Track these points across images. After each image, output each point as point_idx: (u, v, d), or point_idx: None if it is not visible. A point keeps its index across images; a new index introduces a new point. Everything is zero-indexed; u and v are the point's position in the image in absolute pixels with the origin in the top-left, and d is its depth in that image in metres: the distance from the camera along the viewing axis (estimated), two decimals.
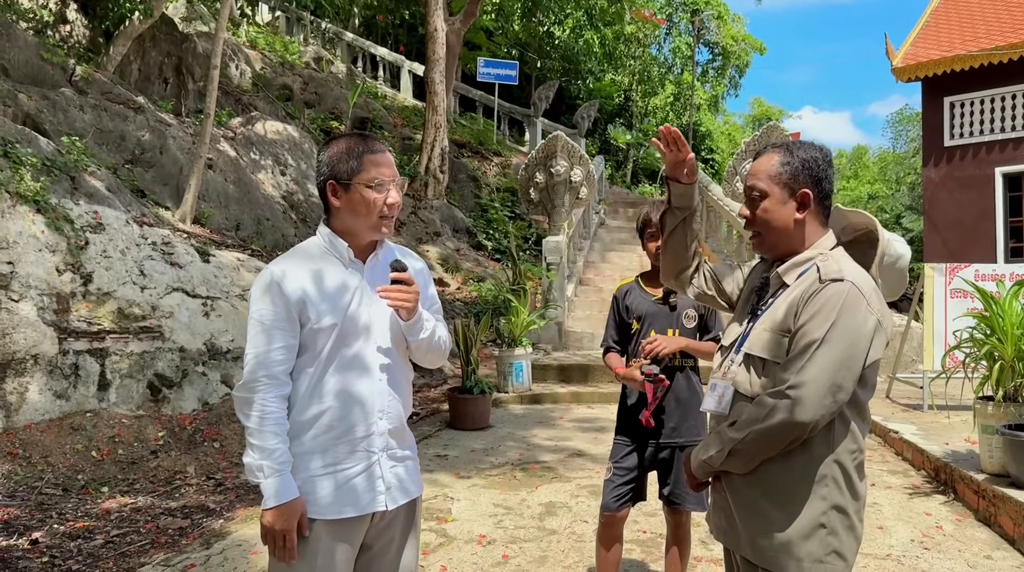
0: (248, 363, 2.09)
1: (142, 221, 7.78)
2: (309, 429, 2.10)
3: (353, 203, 2.14)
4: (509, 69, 21.21)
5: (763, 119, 38.34)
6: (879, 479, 5.72)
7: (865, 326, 1.83)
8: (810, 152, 1.99)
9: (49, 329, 6.24)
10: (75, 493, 5.30)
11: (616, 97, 28.95)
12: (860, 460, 1.92)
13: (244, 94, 14.58)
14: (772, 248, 2.03)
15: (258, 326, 2.09)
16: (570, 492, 5.37)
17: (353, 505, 2.10)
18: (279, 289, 2.09)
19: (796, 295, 1.91)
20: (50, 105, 8.88)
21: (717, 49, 30.95)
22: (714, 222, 15.12)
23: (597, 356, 9.78)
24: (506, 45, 24.91)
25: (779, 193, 1.98)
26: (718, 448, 1.95)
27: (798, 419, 1.80)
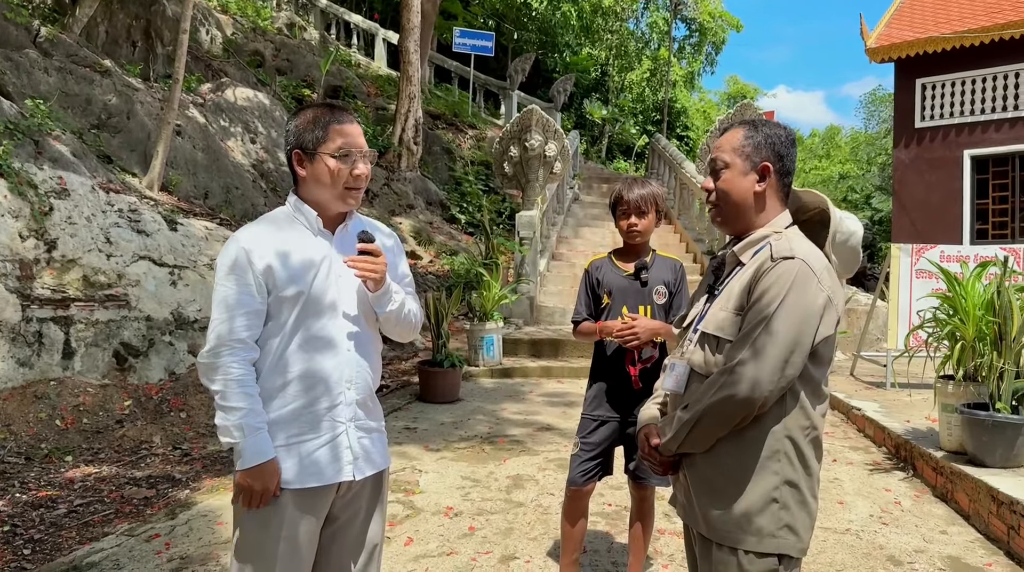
0: (212, 329, 2.08)
1: (108, 187, 7.64)
2: (275, 399, 2.09)
3: (318, 173, 2.12)
4: (485, 40, 21.02)
5: (738, 97, 38.41)
6: (841, 455, 5.82)
7: (815, 303, 1.86)
8: (774, 129, 2.03)
9: (12, 296, 6.13)
10: (38, 462, 5.24)
11: (592, 71, 28.83)
12: (814, 436, 1.94)
13: (214, 60, 14.30)
14: (730, 220, 2.05)
15: (223, 292, 2.08)
16: (538, 465, 5.41)
17: (319, 475, 2.10)
18: (245, 255, 2.07)
19: (749, 274, 1.93)
20: (13, 67, 8.65)
21: (694, 25, 30.87)
22: (687, 199, 15.18)
23: (568, 331, 9.83)
24: (483, 15, 24.67)
25: (741, 164, 2.01)
26: (674, 431, 1.97)
27: (746, 395, 1.83)
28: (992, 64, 14.23)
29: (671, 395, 2.10)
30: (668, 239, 13.96)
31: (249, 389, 2.05)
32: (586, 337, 3.27)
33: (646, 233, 3.23)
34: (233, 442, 2.04)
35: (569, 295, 11.33)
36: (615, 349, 3.17)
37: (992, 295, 4.95)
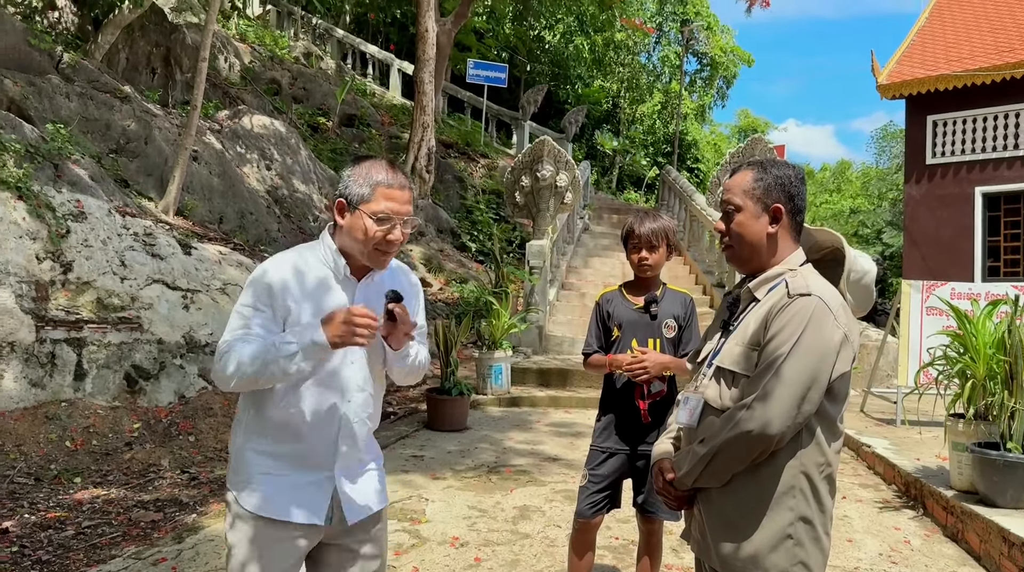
0: (222, 343, 2.09)
1: (125, 211, 7.74)
2: (272, 436, 2.13)
3: (354, 228, 2.12)
4: (498, 71, 21.25)
5: (749, 130, 38.62)
6: (850, 492, 5.78)
7: (832, 340, 1.87)
8: (783, 170, 2.05)
9: (27, 317, 6.19)
10: (47, 483, 5.26)
11: (604, 103, 29.07)
12: (828, 473, 1.95)
13: (232, 87, 14.51)
14: (744, 261, 2.08)
15: (239, 317, 2.10)
16: (544, 496, 5.39)
17: (298, 513, 2.11)
18: (269, 289, 2.10)
19: (765, 309, 1.95)
20: (36, 91, 8.80)
21: (705, 59, 31.16)
22: (697, 232, 15.21)
23: (577, 361, 9.82)
24: (496, 47, 24.96)
25: (752, 207, 2.03)
26: (689, 465, 1.98)
27: (763, 431, 1.84)
28: (1004, 102, 14.29)
29: (684, 429, 2.11)
30: (678, 271, 13.98)
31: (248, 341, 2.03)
32: (596, 369, 3.29)
33: (657, 267, 3.26)
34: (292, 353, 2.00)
35: (578, 325, 11.34)
36: (624, 382, 3.19)
37: (1003, 333, 4.94)
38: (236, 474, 2.17)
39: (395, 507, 5.05)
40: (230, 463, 2.22)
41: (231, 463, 2.21)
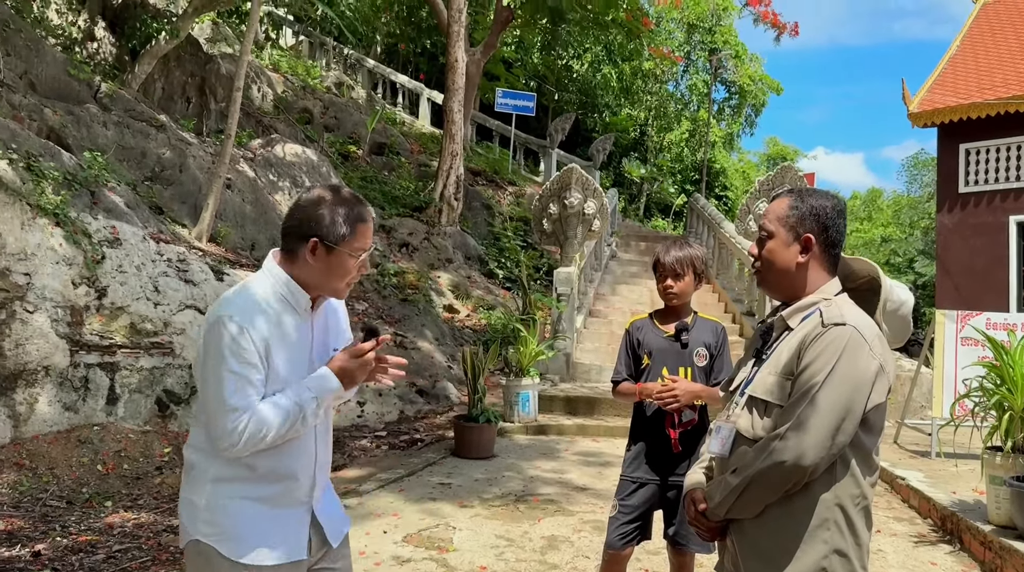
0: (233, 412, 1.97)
1: (159, 237, 7.87)
2: (256, 479, 2.09)
3: (331, 267, 2.07)
4: (527, 100, 21.41)
5: (778, 158, 38.47)
6: (884, 526, 5.67)
7: (867, 370, 1.86)
8: (820, 200, 2.04)
9: (62, 341, 6.29)
10: (79, 506, 5.31)
11: (632, 131, 29.15)
12: (864, 505, 1.92)
13: (265, 116, 14.76)
14: (773, 287, 2.09)
15: (238, 378, 1.98)
16: (573, 527, 5.34)
17: (293, 547, 2.12)
18: (253, 342, 2.00)
19: (799, 338, 1.94)
20: (74, 120, 9.02)
21: (734, 88, 31.18)
22: (726, 259, 15.13)
23: (605, 389, 9.76)
24: (524, 77, 25.18)
25: (784, 235, 2.03)
26: (721, 496, 1.96)
27: (797, 462, 1.82)
28: None
29: (716, 458, 2.09)
30: (706, 299, 13.89)
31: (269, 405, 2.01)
32: (626, 398, 3.27)
33: (683, 295, 3.24)
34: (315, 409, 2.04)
35: (606, 352, 11.29)
36: (655, 411, 3.17)
37: None
38: (212, 526, 2.06)
39: (422, 535, 5.04)
40: (196, 515, 2.08)
41: (199, 515, 2.07)
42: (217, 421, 1.98)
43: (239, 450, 1.99)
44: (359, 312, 10.14)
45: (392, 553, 4.71)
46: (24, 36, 9.26)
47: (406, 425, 8.54)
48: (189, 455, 2.13)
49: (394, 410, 8.86)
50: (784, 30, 21.28)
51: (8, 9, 9.37)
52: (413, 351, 9.96)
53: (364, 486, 6.11)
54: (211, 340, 2.00)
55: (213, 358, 1.99)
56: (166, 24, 11.42)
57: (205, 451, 2.09)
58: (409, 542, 4.91)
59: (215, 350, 1.99)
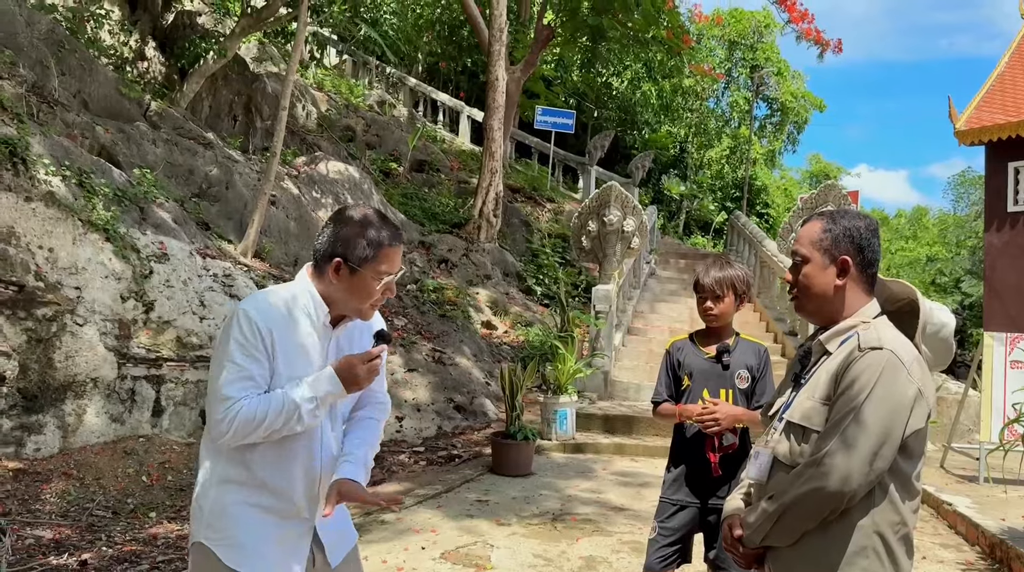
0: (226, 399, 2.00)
1: (205, 253, 8.02)
2: (262, 488, 2.10)
3: (353, 287, 2.10)
4: (566, 118, 21.47)
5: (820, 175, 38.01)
6: (930, 552, 5.54)
7: (905, 395, 1.83)
8: (853, 221, 2.03)
9: (110, 354, 6.44)
10: (124, 516, 5.41)
11: (671, 148, 29.04)
12: (904, 533, 1.88)
13: (309, 134, 15.01)
14: (812, 313, 2.07)
15: (237, 368, 2.02)
16: (611, 547, 5.30)
17: (290, 562, 2.12)
18: (262, 338, 2.03)
19: (836, 363, 1.92)
20: (125, 138, 9.26)
21: (776, 105, 30.92)
22: (767, 278, 14.97)
23: (643, 408, 9.70)
24: (564, 94, 25.26)
25: (820, 259, 2.02)
26: (758, 523, 1.95)
27: (834, 488, 1.80)
28: None
29: (755, 484, 2.07)
30: (748, 318, 13.74)
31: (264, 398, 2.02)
32: (666, 419, 3.25)
33: (723, 317, 3.21)
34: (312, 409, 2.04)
35: (644, 371, 11.21)
36: (695, 433, 3.14)
37: None
38: (215, 531, 2.08)
39: (460, 552, 5.04)
40: (201, 517, 2.12)
41: (204, 518, 2.11)
42: (211, 407, 2.02)
43: (229, 438, 2.00)
44: (398, 328, 10.22)
45: (430, 569, 4.72)
46: (78, 56, 9.55)
47: (444, 441, 8.57)
48: (200, 456, 2.18)
49: (432, 426, 8.89)
50: (827, 47, 21.08)
51: (64, 31, 9.67)
52: (451, 367, 10.00)
53: (403, 501, 6.14)
54: (224, 331, 2.06)
55: (221, 348, 2.05)
56: (214, 44, 11.69)
57: (211, 450, 2.13)
58: (447, 559, 4.92)
59: (224, 340, 2.05)
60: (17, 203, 6.33)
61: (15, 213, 6.28)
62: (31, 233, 6.32)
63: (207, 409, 2.05)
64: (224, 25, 13.53)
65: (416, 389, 9.21)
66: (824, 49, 21.10)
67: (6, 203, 6.26)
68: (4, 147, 6.51)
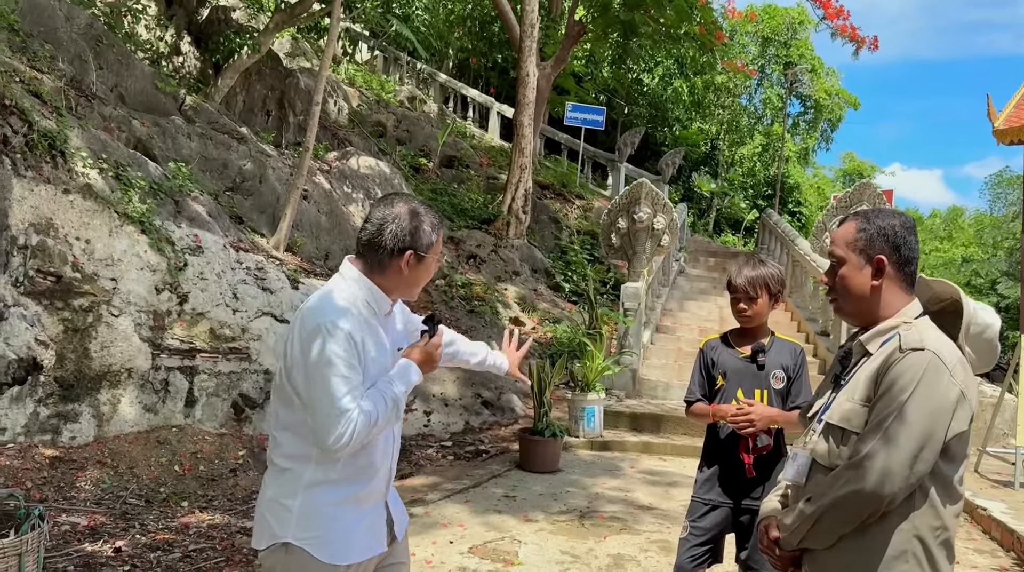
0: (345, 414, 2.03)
1: (238, 246, 8.11)
2: (351, 479, 2.17)
3: (420, 273, 2.22)
4: (596, 114, 21.38)
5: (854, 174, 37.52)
6: (964, 557, 5.45)
7: (947, 397, 1.80)
8: (887, 219, 2.00)
9: (144, 345, 6.53)
10: (157, 505, 5.49)
11: (702, 145, 28.81)
12: (945, 538, 1.85)
13: (340, 129, 15.10)
14: (851, 314, 2.05)
15: (346, 381, 2.05)
16: (639, 546, 5.28)
17: (370, 549, 2.22)
18: (353, 343, 2.08)
19: (877, 364, 1.89)
20: (160, 132, 9.37)
21: (809, 102, 30.55)
22: (799, 277, 14.81)
23: (671, 406, 9.65)
24: (594, 91, 25.15)
25: (855, 259, 2.00)
26: (795, 524, 1.92)
27: (874, 490, 1.78)
28: None
29: (792, 486, 2.05)
30: (779, 317, 13.60)
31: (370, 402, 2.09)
32: (699, 418, 3.23)
33: (757, 317, 3.17)
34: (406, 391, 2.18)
35: (673, 369, 11.15)
36: (729, 433, 3.11)
37: None
38: (306, 530, 2.12)
39: (488, 547, 5.05)
40: (289, 518, 2.13)
41: (293, 519, 2.13)
42: (328, 424, 2.01)
43: (350, 449, 2.05)
44: None
45: (458, 564, 4.74)
46: (116, 51, 9.68)
47: (471, 436, 8.59)
48: (279, 462, 2.18)
49: (459, 421, 8.92)
50: (863, 44, 20.79)
51: (102, 26, 9.81)
52: None
53: (430, 495, 6.17)
54: (314, 347, 2.05)
55: (320, 364, 2.03)
56: (248, 39, 11.79)
57: (297, 457, 2.14)
58: (475, 553, 4.93)
59: (321, 356, 2.03)
60: (56, 195, 6.43)
61: (54, 205, 6.39)
62: (69, 225, 6.42)
63: (319, 425, 2.03)
64: (258, 20, 13.65)
65: (444, 384, 9.24)
66: (859, 46, 20.82)
67: (45, 195, 6.36)
68: (44, 140, 6.62)
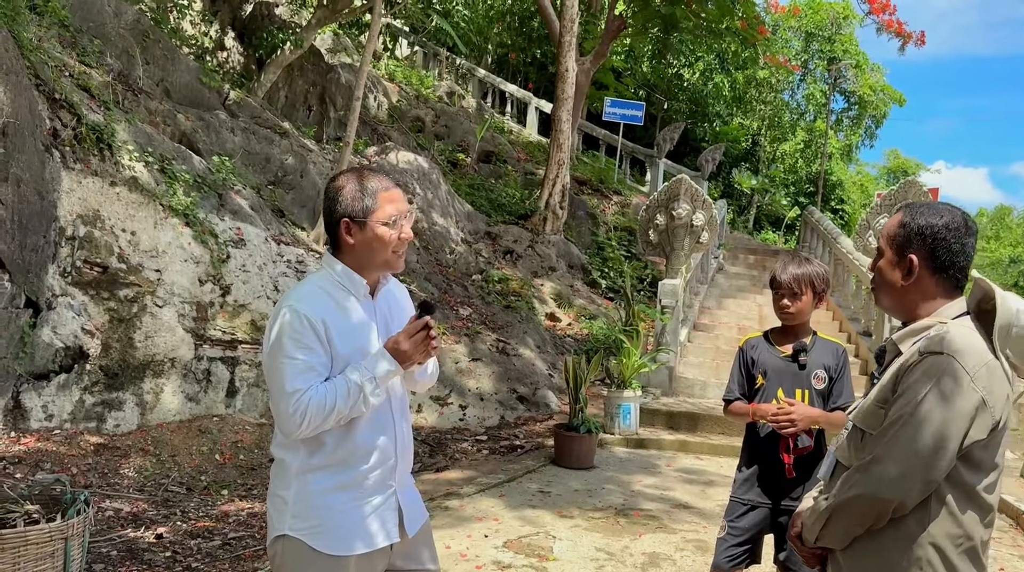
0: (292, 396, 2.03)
1: (279, 239, 8.21)
2: (339, 468, 2.12)
3: (368, 241, 2.14)
4: (635, 110, 21.24)
5: (898, 171, 36.83)
6: (1009, 564, 5.33)
7: (963, 405, 1.73)
8: (931, 218, 1.92)
9: (187, 335, 6.65)
10: (198, 493, 5.59)
11: (743, 141, 28.47)
12: (968, 547, 1.79)
13: (380, 124, 15.20)
14: (888, 308, 2.03)
15: (297, 363, 2.05)
16: (675, 545, 5.25)
17: (372, 540, 2.14)
18: (313, 327, 2.07)
19: (897, 366, 1.86)
20: (204, 126, 9.52)
21: (853, 98, 30.02)
22: (841, 276, 14.58)
23: (708, 405, 9.57)
24: (634, 86, 24.99)
25: (891, 255, 1.96)
26: (811, 521, 1.93)
27: (877, 495, 1.75)
28: None
29: (822, 483, 2.06)
30: (820, 317, 13.40)
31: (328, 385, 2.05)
32: (738, 417, 3.19)
33: (800, 315, 3.13)
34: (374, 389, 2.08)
35: (710, 368, 11.05)
36: (769, 433, 3.08)
37: None
38: (302, 520, 2.10)
39: (523, 542, 5.06)
40: (284, 510, 2.14)
41: (288, 510, 2.13)
42: (279, 405, 2.04)
43: (302, 431, 2.04)
44: (463, 317, 10.29)
45: (493, 558, 4.75)
46: (161, 46, 9.85)
47: (506, 431, 8.60)
48: (274, 452, 2.20)
49: (495, 415, 8.94)
50: (909, 39, 20.35)
51: (148, 21, 9.99)
52: (515, 357, 10.03)
53: (465, 489, 6.19)
54: (273, 331, 2.09)
55: (274, 347, 2.07)
56: (291, 35, 11.92)
57: (286, 446, 2.15)
58: (510, 548, 4.94)
59: (276, 340, 2.07)
60: (103, 187, 6.57)
61: (101, 197, 6.53)
62: (115, 216, 6.56)
63: (274, 409, 2.08)
64: (300, 16, 13.78)
65: (480, 378, 9.26)
66: (906, 41, 20.37)
67: (92, 187, 6.50)
68: (92, 133, 6.77)
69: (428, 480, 6.32)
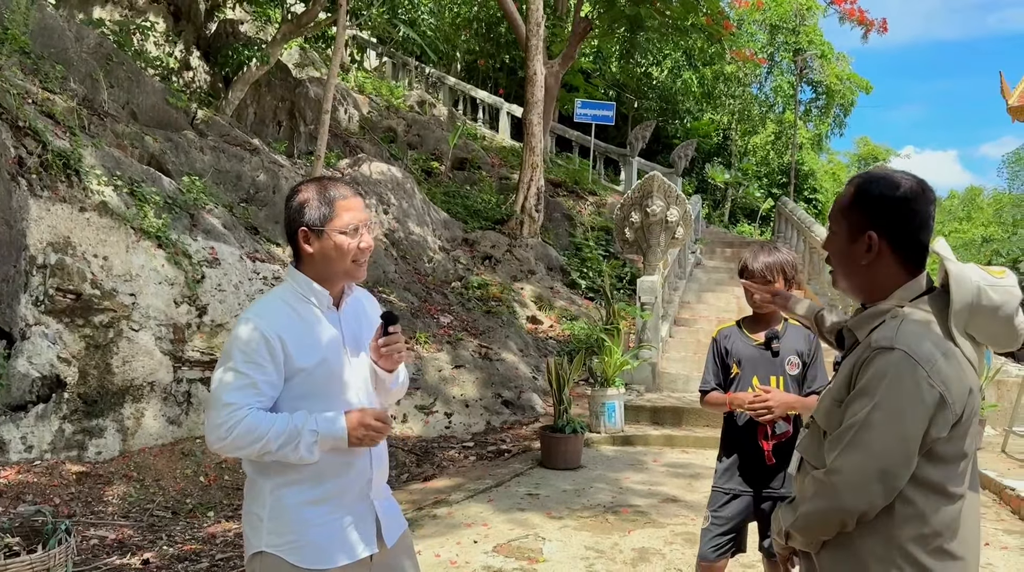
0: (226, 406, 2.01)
1: (254, 256, 8.16)
2: (310, 482, 2.10)
3: (326, 250, 2.12)
4: (606, 110, 21.34)
5: (868, 158, 37.23)
6: (993, 538, 5.40)
7: (920, 403, 1.63)
8: (886, 189, 1.76)
9: (165, 358, 6.60)
10: (183, 516, 5.54)
11: (714, 136, 28.69)
12: (937, 545, 1.71)
13: (352, 136, 15.17)
14: (847, 290, 1.89)
15: (239, 375, 2.03)
16: (664, 539, 5.27)
17: (351, 552, 2.13)
18: (266, 341, 2.04)
19: (852, 362, 1.76)
20: (173, 147, 9.46)
21: (821, 88, 30.33)
22: (817, 264, 14.71)
23: (691, 399, 9.62)
24: (603, 86, 25.11)
25: (846, 231, 1.81)
26: (783, 524, 1.89)
27: (841, 507, 1.70)
28: None
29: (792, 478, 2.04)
30: None
31: (266, 416, 2.02)
32: (715, 408, 3.22)
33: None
34: (312, 443, 2.03)
35: (692, 361, 11.11)
36: (747, 421, 3.10)
37: None
38: (279, 536, 2.08)
39: (512, 545, 5.06)
40: (260, 526, 2.11)
41: (264, 526, 2.10)
42: (210, 413, 2.02)
43: (225, 447, 2.02)
44: (444, 325, 10.28)
45: (483, 563, 4.75)
46: (126, 68, 9.78)
47: (492, 436, 8.60)
48: (246, 470, 2.18)
49: (480, 421, 8.94)
50: (872, 27, 20.58)
51: (111, 44, 9.91)
52: (498, 362, 10.03)
53: (453, 496, 6.18)
54: (226, 344, 2.10)
55: (224, 355, 2.07)
56: (256, 51, 11.88)
57: (258, 463, 2.12)
58: (499, 552, 4.94)
59: (227, 347, 2.07)
60: (72, 214, 6.51)
61: (71, 223, 6.47)
62: (86, 242, 6.50)
63: (206, 415, 2.05)
64: (266, 32, 13.75)
65: (464, 385, 9.25)
66: (868, 29, 20.60)
67: (62, 214, 6.44)
68: (58, 160, 6.70)
69: (416, 489, 6.30)
